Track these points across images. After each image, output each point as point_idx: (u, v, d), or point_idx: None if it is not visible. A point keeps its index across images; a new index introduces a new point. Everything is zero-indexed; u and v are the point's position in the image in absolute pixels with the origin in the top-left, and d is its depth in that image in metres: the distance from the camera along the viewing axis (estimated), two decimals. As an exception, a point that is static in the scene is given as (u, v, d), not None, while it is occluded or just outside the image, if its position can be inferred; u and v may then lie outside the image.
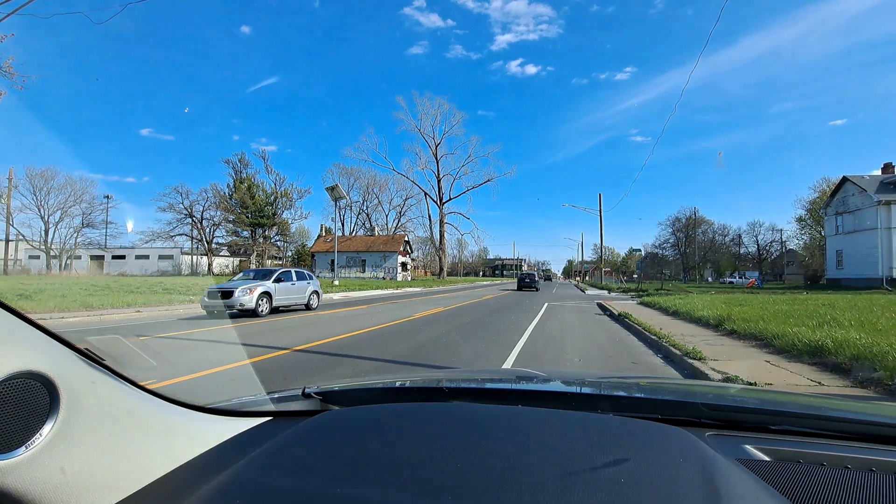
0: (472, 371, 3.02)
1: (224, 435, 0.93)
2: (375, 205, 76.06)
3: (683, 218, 72.66)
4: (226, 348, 7.30)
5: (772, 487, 0.65)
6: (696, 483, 0.62)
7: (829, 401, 1.84)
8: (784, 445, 0.82)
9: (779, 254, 67.02)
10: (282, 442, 0.84)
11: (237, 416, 1.04)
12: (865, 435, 0.87)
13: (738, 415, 1.01)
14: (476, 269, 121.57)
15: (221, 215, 58.17)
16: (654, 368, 6.08)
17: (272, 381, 4.79)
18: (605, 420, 0.89)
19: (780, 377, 4.99)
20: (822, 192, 51.58)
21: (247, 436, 0.95)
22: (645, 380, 1.58)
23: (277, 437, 0.87)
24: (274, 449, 0.82)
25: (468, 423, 0.88)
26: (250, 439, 0.92)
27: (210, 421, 0.97)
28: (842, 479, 0.68)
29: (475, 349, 7.25)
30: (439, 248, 64.07)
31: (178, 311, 12.57)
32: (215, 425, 0.96)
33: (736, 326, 8.42)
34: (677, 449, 0.73)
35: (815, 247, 53.65)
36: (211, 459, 0.84)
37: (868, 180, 35.82)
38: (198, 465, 0.82)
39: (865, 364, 4.93)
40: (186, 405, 0.93)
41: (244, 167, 61.73)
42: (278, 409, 1.11)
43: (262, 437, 0.91)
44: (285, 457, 0.79)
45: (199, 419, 0.95)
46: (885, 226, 32.50)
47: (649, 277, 60.80)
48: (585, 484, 0.63)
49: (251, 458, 0.79)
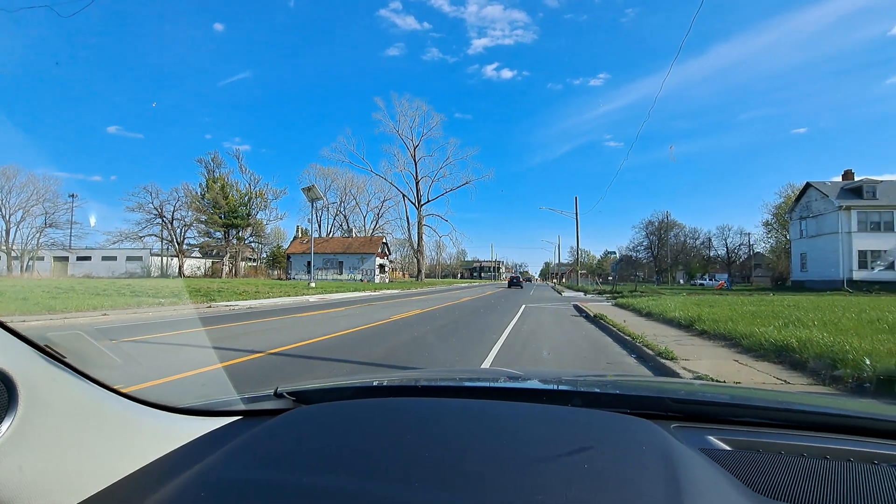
0: (448, 370, 3.03)
1: (193, 434, 0.91)
2: (353, 206, 75.57)
3: (656, 221, 74.51)
4: (198, 352, 7.10)
5: (730, 474, 0.67)
6: (658, 469, 0.65)
7: (790, 396, 1.91)
8: (744, 436, 0.86)
9: (747, 257, 69.37)
10: (251, 438, 0.83)
11: (207, 415, 1.02)
12: (821, 425, 0.92)
13: (702, 408, 1.06)
14: (454, 272, 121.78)
15: (193, 215, 56.69)
16: (628, 368, 6.20)
17: (246, 385, 4.66)
18: (572, 412, 0.93)
19: (747, 376, 5.16)
20: (788, 197, 53.70)
21: (216, 434, 0.93)
22: (617, 377, 1.64)
23: (246, 434, 0.85)
24: (242, 444, 0.80)
25: (439, 417, 0.90)
26: (220, 437, 0.90)
27: (179, 420, 0.95)
28: (797, 465, 0.71)
29: (453, 351, 7.25)
30: (417, 251, 64.01)
31: (147, 315, 12.16)
32: (184, 424, 0.94)
33: (706, 327, 8.67)
34: (641, 438, 0.76)
35: (781, 250, 55.75)
36: (179, 458, 0.82)
37: (830, 186, 37.47)
38: (165, 464, 0.80)
39: (828, 362, 5.14)
40: (154, 405, 0.91)
41: (217, 166, 60.44)
42: (249, 409, 1.08)
43: (231, 435, 0.90)
44: (253, 451, 0.78)
45: (167, 418, 0.92)
46: (845, 230, 34.06)
47: (624, 279, 62.12)
48: (550, 469, 0.65)
49: (219, 454, 0.78)
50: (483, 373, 2.72)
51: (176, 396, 1.05)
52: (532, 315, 13.69)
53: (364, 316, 12.75)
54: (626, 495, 0.59)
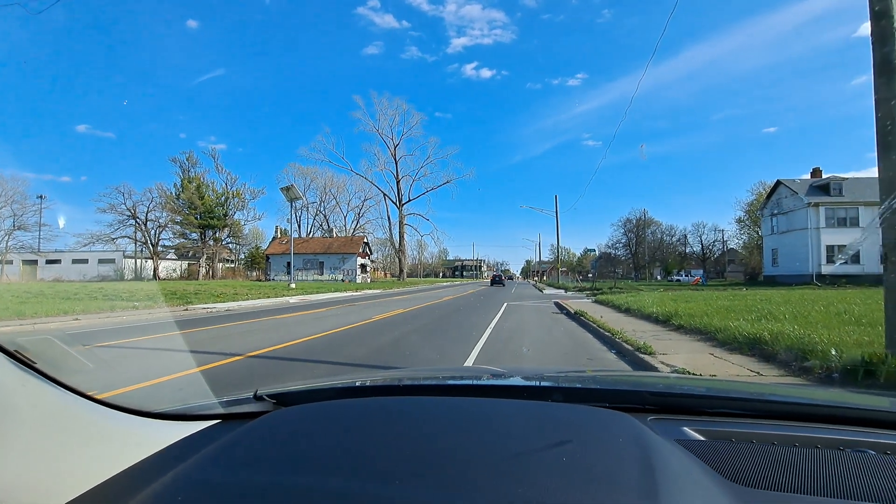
0: (430, 369, 3.03)
1: (170, 439, 0.89)
2: (333, 206, 74.73)
3: (634, 219, 75.94)
4: (175, 356, 6.94)
5: (703, 463, 0.70)
6: (634, 460, 0.67)
7: (762, 387, 1.98)
8: (718, 426, 0.89)
9: (721, 253, 71.25)
10: (229, 441, 0.82)
11: (184, 419, 1.00)
12: (790, 414, 0.96)
13: (677, 400, 1.09)
14: (436, 271, 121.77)
15: (168, 216, 55.26)
16: (608, 363, 6.30)
17: (226, 389, 4.59)
18: (552, 407, 0.94)
19: (722, 369, 5.30)
20: (759, 194, 55.35)
21: (194, 438, 0.91)
22: (597, 373, 1.67)
23: (225, 437, 0.84)
24: (220, 447, 0.79)
25: (420, 415, 0.90)
26: (197, 441, 0.89)
27: (155, 425, 0.93)
28: (768, 453, 0.74)
29: (436, 349, 7.26)
30: (399, 250, 63.76)
31: (121, 319, 11.82)
32: (161, 429, 0.92)
33: (683, 322, 8.87)
34: (618, 431, 0.79)
35: (754, 246, 57.39)
36: (155, 462, 0.81)
37: (799, 183, 38.75)
38: (142, 469, 0.78)
39: (798, 354, 5.32)
40: (129, 410, 0.89)
41: (193, 166, 59.07)
42: (228, 412, 1.06)
43: (209, 438, 0.88)
44: (232, 454, 0.77)
45: (143, 424, 0.90)
46: (814, 226, 35.28)
47: (603, 276, 63.06)
48: (530, 464, 0.67)
49: (196, 457, 0.76)
50: (466, 371, 2.73)
51: (152, 402, 1.03)
52: (514, 313, 13.79)
53: (346, 316, 12.65)
54: (602, 486, 0.60)
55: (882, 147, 4.56)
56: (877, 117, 4.60)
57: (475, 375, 1.59)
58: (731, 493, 0.61)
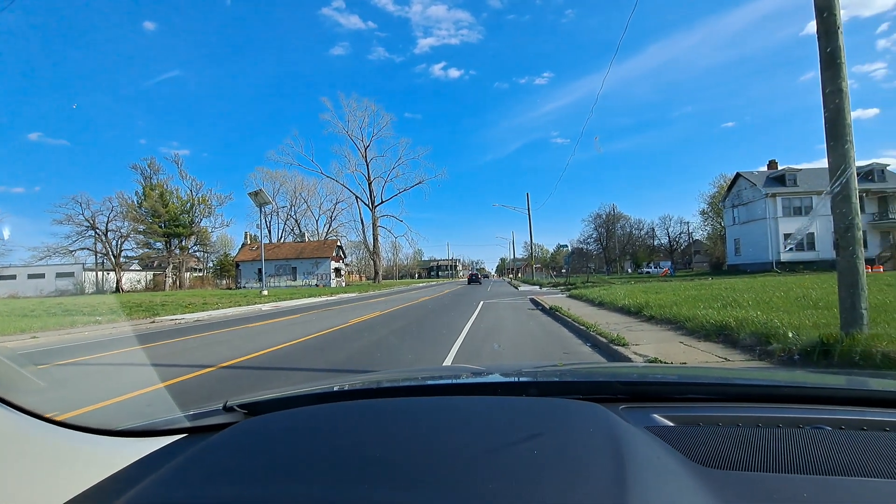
0: (408, 370, 3.02)
1: (133, 457, 0.85)
2: (304, 210, 73.51)
3: (604, 214, 77.63)
4: (142, 371, 6.68)
5: (671, 447, 0.72)
6: (604, 448, 0.69)
7: (728, 372, 2.05)
8: (686, 412, 0.93)
9: (687, 244, 73.65)
10: (194, 454, 0.79)
11: (148, 436, 0.96)
12: (753, 397, 1.01)
13: (647, 388, 1.14)
14: (412, 272, 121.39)
15: (130, 226, 53.17)
16: (583, 356, 6.42)
17: (196, 402, 4.40)
18: (525, 402, 0.96)
19: (692, 356, 5.48)
20: (721, 187, 57.45)
21: (158, 455, 0.88)
22: (572, 366, 1.70)
23: (190, 450, 0.81)
24: (185, 462, 0.76)
25: (394, 416, 0.90)
26: (161, 458, 0.86)
27: (117, 443, 0.89)
28: (733, 435, 0.77)
29: (414, 351, 7.23)
30: (373, 252, 63.19)
31: (83, 334, 11.29)
32: (123, 447, 0.88)
33: (653, 312, 9.12)
34: (590, 421, 0.80)
35: (717, 237, 59.55)
36: (116, 482, 0.77)
37: (757, 175, 40.43)
38: (101, 490, 0.75)
39: (762, 339, 5.55)
40: (89, 429, 0.85)
41: (155, 173, 57.14)
42: (195, 426, 1.02)
43: (174, 454, 0.85)
44: (197, 468, 0.74)
45: (104, 442, 0.86)
46: (772, 216, 36.88)
47: (576, 271, 64.22)
48: (502, 457, 0.68)
49: (158, 474, 0.73)
50: (443, 370, 2.73)
51: (115, 420, 0.99)
52: (490, 311, 13.88)
53: (321, 322, 12.45)
54: (573, 474, 0.62)
55: (830, 137, 4.80)
56: (824, 109, 4.84)
57: (452, 374, 1.59)
58: (696, 474, 0.63)
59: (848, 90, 4.77)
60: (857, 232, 4.68)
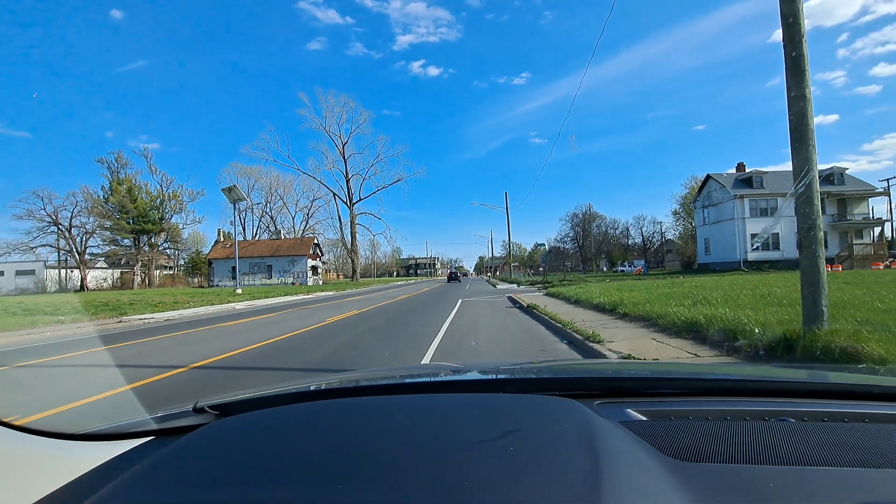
0: (386, 369, 3.00)
1: (96, 461, 0.82)
2: (280, 207, 72.14)
3: (580, 214, 78.66)
4: (108, 372, 6.44)
5: (644, 441, 0.74)
6: (579, 443, 0.70)
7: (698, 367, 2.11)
8: (658, 406, 0.95)
9: (660, 243, 75.49)
10: (159, 457, 0.77)
11: (113, 439, 0.92)
12: (721, 391, 1.04)
13: (621, 383, 1.16)
14: (390, 270, 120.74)
15: (96, 222, 51.09)
16: (560, 353, 6.51)
17: (167, 403, 4.31)
18: (502, 399, 0.96)
19: (664, 352, 5.62)
20: (692, 188, 59.13)
21: (122, 458, 0.85)
22: (548, 363, 1.72)
23: (155, 454, 0.79)
24: (149, 465, 0.74)
25: (369, 415, 0.89)
26: (125, 461, 0.83)
27: (79, 448, 0.86)
28: (702, 428, 0.80)
29: (392, 350, 7.20)
30: (351, 250, 62.55)
31: (44, 335, 10.82)
32: (86, 452, 0.85)
33: (627, 310, 9.33)
34: (564, 417, 0.82)
35: (689, 236, 61.23)
36: (78, 487, 0.74)
37: (726, 177, 41.72)
38: (62, 496, 0.72)
39: (729, 335, 5.74)
40: (48, 433, 0.82)
41: (123, 167, 55.08)
42: (162, 428, 0.99)
43: (139, 457, 0.82)
44: (162, 472, 0.72)
45: (65, 447, 0.83)
46: (740, 216, 38.13)
47: (553, 270, 65.07)
48: (477, 454, 0.68)
49: (122, 477, 0.71)
50: (420, 368, 2.73)
51: (80, 424, 0.95)
52: (469, 309, 13.93)
53: (297, 320, 12.27)
54: (547, 470, 0.62)
55: (794, 140, 4.99)
56: (789, 113, 5.03)
57: (429, 373, 1.59)
58: (667, 467, 0.65)
59: (811, 96, 4.96)
60: (818, 232, 4.88)
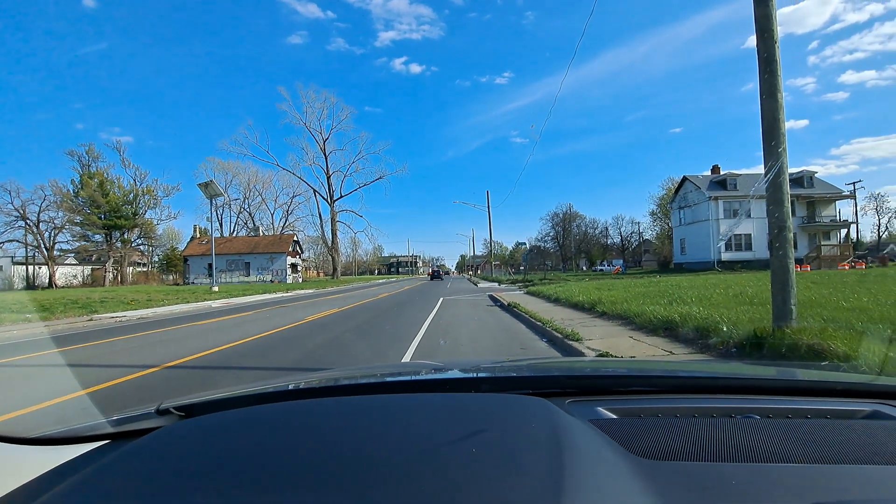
0: (362, 368, 2.98)
1: (47, 465, 0.79)
2: (259, 203, 70.84)
3: (561, 213, 79.56)
4: (77, 372, 6.22)
5: (611, 439, 0.75)
6: (544, 442, 0.70)
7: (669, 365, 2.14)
8: (629, 404, 0.96)
9: (638, 243, 76.95)
10: (108, 462, 0.73)
11: (68, 443, 0.89)
12: (691, 388, 1.06)
13: (593, 382, 1.17)
14: (371, 268, 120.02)
15: (65, 216, 49.33)
16: (539, 351, 6.58)
17: (136, 405, 4.19)
18: (470, 398, 0.96)
19: (640, 350, 5.73)
20: (669, 189, 60.41)
21: (75, 462, 0.81)
22: (525, 361, 1.73)
23: (107, 457, 0.75)
24: (94, 471, 0.71)
25: (337, 417, 0.87)
26: (79, 465, 0.79)
27: (30, 452, 0.82)
28: (671, 425, 0.81)
29: (373, 348, 7.15)
30: (332, 248, 61.88)
31: (9, 334, 10.40)
32: (37, 456, 0.82)
33: (606, 309, 9.48)
34: (534, 416, 0.82)
35: (665, 237, 62.52)
36: (25, 492, 0.71)
37: (701, 179, 42.71)
38: (9, 501, 0.69)
39: (703, 333, 5.89)
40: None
41: (94, 160, 53.25)
42: (119, 431, 0.95)
43: (92, 461, 0.79)
44: (111, 476, 0.69)
45: (14, 451, 0.80)
46: (714, 217, 39.11)
47: (534, 268, 65.60)
48: (443, 455, 0.67)
49: (68, 482, 0.68)
50: (398, 367, 2.71)
51: (40, 429, 0.91)
52: (450, 308, 13.95)
53: (276, 319, 12.09)
54: (511, 470, 0.62)
55: (766, 145, 5.14)
56: (761, 119, 5.18)
57: (404, 371, 1.57)
58: (632, 465, 0.65)
59: (783, 101, 5.12)
60: (788, 234, 5.04)
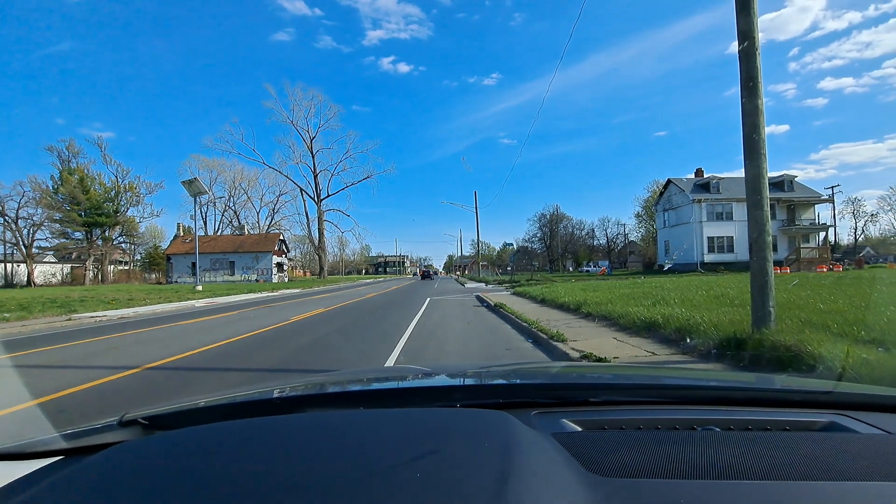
0: (344, 373, 2.94)
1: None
2: (244, 201, 70.01)
3: (548, 214, 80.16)
4: (51, 374, 6.07)
5: (569, 454, 0.71)
6: (493, 463, 0.66)
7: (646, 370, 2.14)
8: (594, 416, 0.94)
9: (623, 245, 77.87)
10: (57, 481, 0.69)
11: (17, 459, 0.84)
12: (660, 398, 1.04)
13: (559, 392, 1.14)
14: (359, 268, 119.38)
15: (44, 213, 48.18)
16: (524, 353, 6.60)
17: (117, 407, 4.11)
18: (429, 413, 0.92)
19: (623, 351, 5.80)
20: (654, 191, 61.16)
21: (32, 478, 0.77)
22: (502, 368, 1.67)
23: (55, 476, 0.71)
24: (46, 490, 0.67)
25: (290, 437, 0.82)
26: (33, 482, 0.74)
27: None
28: (634, 438, 0.78)
29: (358, 350, 7.11)
30: (318, 247, 61.36)
31: (-18, 333, 10.12)
32: None
33: (591, 310, 9.57)
34: (489, 433, 0.77)
35: (650, 238, 63.40)
36: None
37: (686, 182, 43.39)
38: None
39: (685, 334, 5.98)
40: None
41: (74, 156, 52.24)
42: (73, 446, 0.89)
43: (37, 481, 0.74)
44: (58, 498, 0.65)
45: None
46: (697, 220, 39.77)
47: (521, 269, 66.01)
48: (386, 481, 0.63)
49: (14, 501, 0.64)
50: (381, 372, 2.69)
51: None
52: (437, 308, 13.94)
53: (260, 319, 11.96)
54: (452, 494, 0.59)
55: (747, 149, 5.24)
56: (742, 124, 5.28)
57: (386, 378, 1.55)
58: (585, 484, 0.62)
59: (763, 106, 5.22)
60: (767, 237, 5.14)
